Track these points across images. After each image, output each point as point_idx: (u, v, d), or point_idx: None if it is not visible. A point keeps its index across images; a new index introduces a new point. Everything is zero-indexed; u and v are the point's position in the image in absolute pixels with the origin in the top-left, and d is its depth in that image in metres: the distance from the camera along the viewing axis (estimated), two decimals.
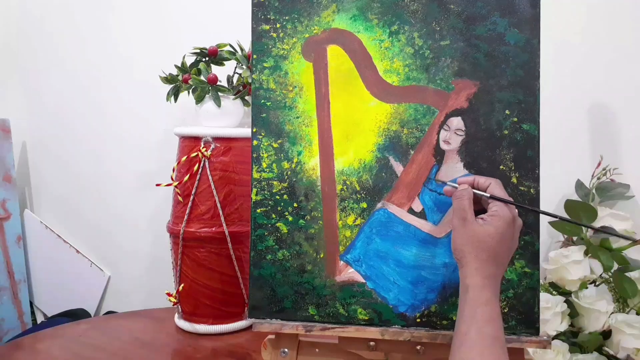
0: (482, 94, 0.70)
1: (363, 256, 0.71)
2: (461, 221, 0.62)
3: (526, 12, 0.70)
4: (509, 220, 0.61)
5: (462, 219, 0.62)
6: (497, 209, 0.61)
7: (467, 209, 0.62)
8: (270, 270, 0.72)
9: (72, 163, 1.54)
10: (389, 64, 0.72)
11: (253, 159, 0.73)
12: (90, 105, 1.49)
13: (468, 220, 0.62)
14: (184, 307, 1.06)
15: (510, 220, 0.61)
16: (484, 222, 0.61)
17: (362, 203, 0.72)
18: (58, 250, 1.55)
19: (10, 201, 1.51)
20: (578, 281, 0.91)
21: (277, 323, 0.72)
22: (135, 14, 1.40)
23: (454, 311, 0.69)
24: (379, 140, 0.72)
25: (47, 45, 1.55)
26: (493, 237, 0.60)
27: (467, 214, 0.62)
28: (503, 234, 0.61)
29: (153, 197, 1.39)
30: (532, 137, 0.69)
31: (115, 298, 1.52)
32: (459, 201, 0.63)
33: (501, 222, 0.61)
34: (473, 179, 0.65)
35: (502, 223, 0.61)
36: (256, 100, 0.74)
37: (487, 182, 0.64)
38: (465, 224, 0.61)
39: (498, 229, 0.60)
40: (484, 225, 0.61)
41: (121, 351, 0.97)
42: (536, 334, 0.68)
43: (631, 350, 0.85)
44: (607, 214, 0.95)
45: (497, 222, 0.61)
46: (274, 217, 0.73)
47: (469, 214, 0.62)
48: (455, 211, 0.63)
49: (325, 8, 0.73)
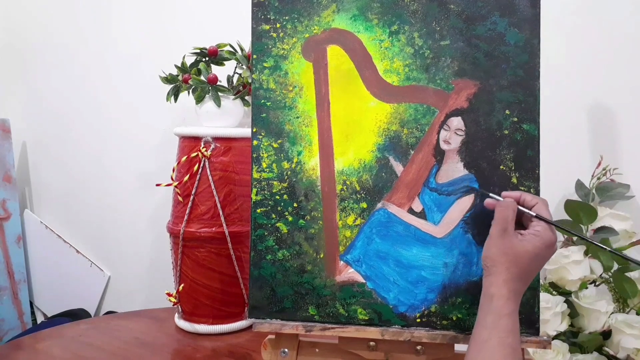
0: (482, 94, 0.70)
1: (363, 256, 0.71)
2: (501, 231, 0.62)
3: (526, 12, 0.70)
4: (550, 243, 0.61)
5: (502, 229, 0.62)
6: (541, 230, 0.61)
7: (510, 221, 0.62)
8: (270, 270, 0.72)
9: (72, 163, 1.54)
10: (389, 63, 0.72)
11: (253, 159, 0.73)
12: (90, 106, 1.49)
13: (508, 232, 0.62)
14: (184, 307, 1.06)
15: (551, 244, 0.62)
16: (523, 237, 0.61)
17: (362, 203, 0.72)
18: (58, 250, 1.55)
19: (10, 201, 1.51)
20: (578, 281, 0.91)
21: (277, 323, 0.72)
22: (135, 14, 1.40)
23: (454, 311, 0.69)
24: (379, 140, 0.72)
25: (47, 45, 1.56)
26: (530, 255, 0.60)
27: (509, 226, 0.62)
28: (539, 255, 0.61)
29: (153, 197, 1.39)
30: (532, 137, 0.69)
31: (115, 298, 1.52)
32: (503, 210, 0.63)
33: (541, 242, 0.61)
34: (520, 194, 0.65)
35: (541, 244, 0.61)
36: (256, 100, 0.74)
37: (534, 200, 0.64)
38: (505, 235, 0.61)
39: (536, 248, 0.61)
40: (522, 241, 0.61)
41: (121, 351, 0.97)
42: (536, 334, 0.68)
43: (631, 350, 0.85)
44: (607, 214, 0.95)
45: (537, 242, 0.61)
46: (274, 217, 0.73)
47: (510, 226, 0.62)
48: (497, 220, 0.63)
49: (325, 8, 0.73)
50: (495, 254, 0.61)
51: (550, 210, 0.64)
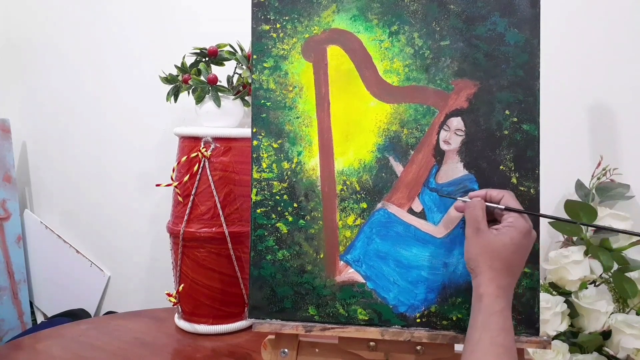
0: (482, 94, 0.70)
1: (363, 256, 0.71)
2: (475, 231, 0.62)
3: (526, 12, 0.70)
4: (525, 231, 0.61)
5: (475, 229, 0.62)
6: (513, 220, 0.61)
7: (481, 219, 0.62)
8: (270, 270, 0.72)
9: (72, 163, 1.54)
10: (389, 64, 0.72)
11: (253, 159, 0.73)
12: (90, 106, 1.49)
13: (482, 230, 0.62)
14: (184, 307, 1.06)
15: (527, 231, 0.61)
16: (498, 232, 0.61)
17: (362, 203, 0.72)
18: (58, 250, 1.55)
19: (10, 201, 1.51)
20: (578, 281, 0.91)
21: (277, 323, 0.72)
22: (135, 14, 1.40)
23: (454, 311, 0.69)
24: (379, 141, 0.72)
25: (47, 45, 1.55)
26: (508, 247, 0.60)
27: (481, 224, 0.62)
28: (518, 244, 0.61)
29: (153, 197, 1.39)
30: (532, 137, 0.69)
31: (115, 298, 1.52)
32: (471, 211, 0.63)
33: (516, 232, 0.61)
34: (485, 192, 0.65)
35: (517, 234, 0.61)
36: (256, 101, 0.74)
37: (500, 194, 0.64)
38: (479, 234, 0.62)
39: (513, 239, 0.60)
40: (498, 236, 0.61)
41: (121, 351, 0.97)
42: (536, 334, 0.68)
43: (631, 350, 0.85)
44: (607, 214, 0.95)
45: (513, 233, 0.61)
46: (274, 217, 0.73)
47: (482, 224, 0.62)
48: (468, 221, 0.63)
49: (325, 8, 0.73)
50: (475, 253, 0.61)
51: (551, 210, 0.64)
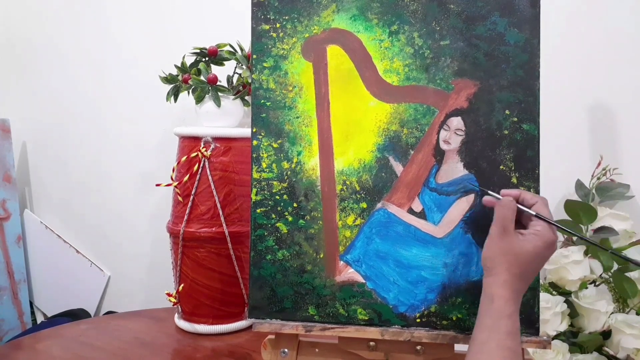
0: (482, 94, 0.70)
1: (363, 256, 0.71)
2: (500, 231, 0.61)
3: (526, 12, 0.70)
4: (550, 242, 0.61)
5: (502, 228, 0.61)
6: (541, 229, 0.61)
7: (510, 220, 0.61)
8: (270, 270, 0.72)
9: (72, 163, 1.54)
10: (388, 63, 0.72)
11: (253, 159, 0.73)
12: (90, 105, 1.49)
13: (508, 231, 0.61)
14: (184, 307, 1.06)
15: (552, 242, 0.61)
16: (523, 237, 0.61)
17: (361, 203, 0.72)
18: (58, 250, 1.55)
19: (10, 201, 1.51)
20: (578, 281, 0.91)
21: (277, 323, 0.72)
22: (135, 14, 1.40)
23: (454, 311, 0.69)
24: (378, 140, 0.72)
25: (47, 45, 1.56)
26: (529, 254, 0.60)
27: (509, 225, 0.61)
28: (540, 254, 0.60)
29: (153, 197, 1.39)
30: (532, 137, 0.69)
31: (115, 298, 1.52)
32: (502, 210, 0.62)
33: (541, 242, 0.60)
34: (519, 193, 0.64)
35: (542, 244, 0.60)
36: (256, 100, 0.74)
37: (533, 199, 0.63)
38: (504, 235, 0.61)
39: (537, 248, 0.60)
40: (523, 241, 0.60)
41: (121, 351, 0.97)
42: (536, 334, 0.68)
43: (631, 350, 0.85)
44: (607, 214, 0.95)
45: (538, 242, 0.60)
46: (274, 217, 0.73)
47: (509, 226, 0.61)
48: (497, 219, 0.62)
49: (325, 8, 0.73)
50: (495, 254, 0.61)
51: (551, 210, 0.64)
